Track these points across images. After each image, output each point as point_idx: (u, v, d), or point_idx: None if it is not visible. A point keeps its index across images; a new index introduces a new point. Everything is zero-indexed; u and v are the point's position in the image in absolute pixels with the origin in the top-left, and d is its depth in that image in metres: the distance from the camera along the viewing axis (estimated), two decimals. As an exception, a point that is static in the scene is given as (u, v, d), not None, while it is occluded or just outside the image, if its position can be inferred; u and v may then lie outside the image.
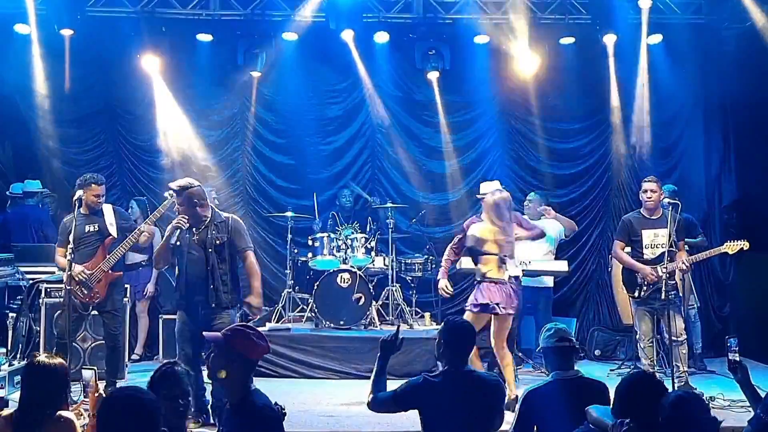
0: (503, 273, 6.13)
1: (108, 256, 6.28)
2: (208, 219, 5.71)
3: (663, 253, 6.46)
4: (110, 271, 6.31)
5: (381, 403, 4.04)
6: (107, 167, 9.06)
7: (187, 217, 5.62)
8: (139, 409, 2.82)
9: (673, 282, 6.49)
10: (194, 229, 5.67)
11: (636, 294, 6.64)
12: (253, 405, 3.22)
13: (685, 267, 6.52)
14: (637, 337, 6.78)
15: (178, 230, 5.60)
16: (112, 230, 6.38)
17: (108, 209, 6.48)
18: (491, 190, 6.43)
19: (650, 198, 6.65)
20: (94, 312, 6.52)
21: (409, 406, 3.95)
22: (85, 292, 6.17)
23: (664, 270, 6.32)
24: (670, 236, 6.47)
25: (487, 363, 6.88)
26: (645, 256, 6.63)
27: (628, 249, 6.86)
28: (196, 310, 5.62)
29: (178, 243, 5.63)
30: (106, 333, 6.47)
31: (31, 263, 7.73)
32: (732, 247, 6.49)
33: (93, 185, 6.32)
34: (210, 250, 5.62)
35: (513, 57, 8.74)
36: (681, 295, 6.67)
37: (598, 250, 9.19)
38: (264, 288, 9.08)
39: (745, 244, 6.46)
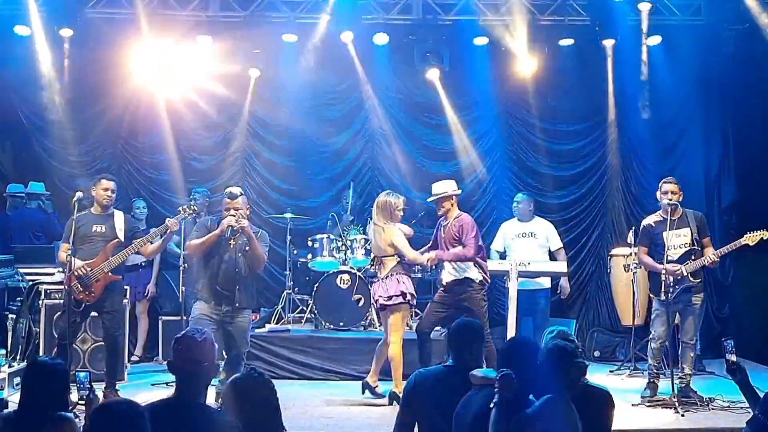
0: (381, 271, 6.67)
1: (110, 259, 6.29)
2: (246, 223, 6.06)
3: (686, 252, 6.45)
4: (109, 274, 6.31)
5: None
6: (106, 168, 9.05)
7: (237, 218, 5.95)
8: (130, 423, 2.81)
9: (699, 281, 6.46)
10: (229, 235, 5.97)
11: (663, 296, 6.48)
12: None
13: (710, 260, 6.44)
14: (650, 337, 6.72)
15: (229, 228, 5.92)
16: (120, 234, 6.41)
17: (119, 215, 6.54)
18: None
19: (671, 199, 6.56)
20: (94, 313, 6.53)
21: None
22: (81, 288, 6.15)
23: (678, 270, 6.32)
24: (692, 235, 6.48)
25: None
26: (669, 257, 6.49)
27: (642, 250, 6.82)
28: (220, 306, 5.95)
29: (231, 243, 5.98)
30: (106, 334, 6.47)
31: (31, 265, 7.72)
32: (752, 238, 6.37)
33: (102, 180, 6.47)
34: (240, 255, 5.98)
35: (512, 58, 8.74)
36: (703, 299, 6.64)
37: (598, 252, 9.19)
38: (263, 289, 9.22)
39: (765, 234, 6.34)
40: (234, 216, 5.92)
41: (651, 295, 6.83)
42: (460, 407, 3.75)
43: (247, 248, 6.00)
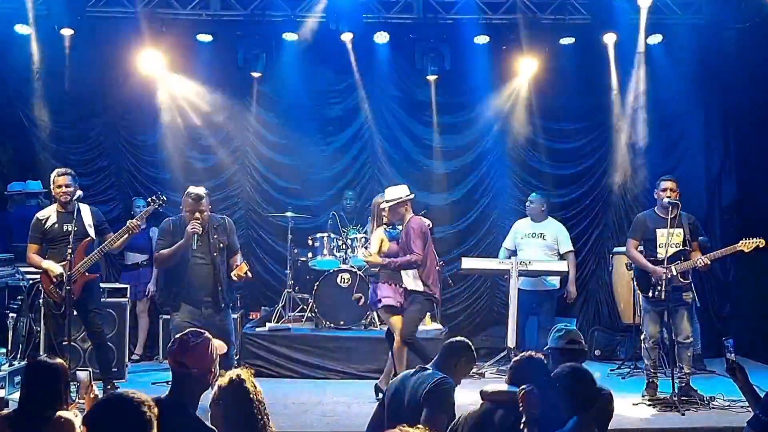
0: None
1: (85, 259, 6.20)
2: (207, 223, 5.88)
3: (676, 252, 6.41)
4: (86, 273, 6.24)
5: None
6: (106, 167, 9.07)
7: (200, 222, 5.76)
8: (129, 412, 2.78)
9: (687, 281, 6.43)
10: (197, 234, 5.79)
11: (650, 294, 6.49)
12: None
13: (701, 264, 6.40)
14: (643, 337, 6.72)
15: (195, 236, 5.73)
16: (91, 231, 6.32)
17: (86, 209, 6.41)
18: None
19: (670, 196, 6.53)
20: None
21: None
22: (59, 292, 6.09)
23: (669, 270, 6.28)
24: (684, 236, 6.45)
25: None
26: (659, 256, 6.49)
27: (640, 248, 6.80)
28: (200, 309, 5.78)
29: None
30: (90, 332, 6.46)
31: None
32: (747, 244, 6.32)
33: (55, 177, 6.27)
34: (215, 254, 5.82)
35: (513, 57, 8.75)
36: (694, 297, 6.61)
37: (598, 250, 9.18)
38: (264, 288, 9.23)
39: (761, 242, 6.30)
40: (198, 220, 5.74)
41: (638, 292, 6.82)
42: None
43: (221, 245, 5.86)
